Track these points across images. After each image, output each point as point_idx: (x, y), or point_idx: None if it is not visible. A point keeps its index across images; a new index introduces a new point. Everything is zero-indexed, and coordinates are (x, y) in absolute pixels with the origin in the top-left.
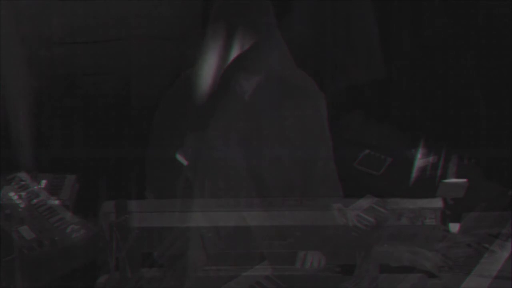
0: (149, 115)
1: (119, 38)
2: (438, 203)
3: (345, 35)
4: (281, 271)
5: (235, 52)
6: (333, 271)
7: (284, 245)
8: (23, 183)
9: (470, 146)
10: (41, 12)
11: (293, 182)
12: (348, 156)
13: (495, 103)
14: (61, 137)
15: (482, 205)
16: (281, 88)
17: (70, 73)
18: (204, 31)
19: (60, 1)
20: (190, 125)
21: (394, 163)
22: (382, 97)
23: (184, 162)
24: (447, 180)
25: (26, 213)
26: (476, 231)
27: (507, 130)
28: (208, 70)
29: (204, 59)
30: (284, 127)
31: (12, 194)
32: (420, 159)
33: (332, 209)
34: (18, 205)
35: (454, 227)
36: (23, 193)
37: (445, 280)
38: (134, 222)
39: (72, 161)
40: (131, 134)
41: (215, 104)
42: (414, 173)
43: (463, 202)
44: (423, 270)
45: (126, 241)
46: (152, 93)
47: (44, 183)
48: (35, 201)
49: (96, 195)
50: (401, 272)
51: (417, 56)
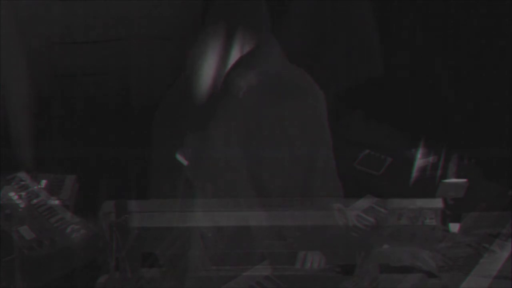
0: (149, 115)
1: (119, 38)
2: (438, 203)
3: (344, 35)
4: (281, 271)
5: (230, 53)
6: (333, 271)
7: (284, 245)
8: (23, 183)
9: (470, 146)
10: (41, 12)
11: (293, 182)
12: (348, 156)
13: (495, 103)
14: (61, 137)
15: (482, 205)
16: (280, 88)
17: (70, 73)
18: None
19: (60, 1)
20: (190, 125)
21: (394, 163)
22: (382, 97)
23: (184, 162)
24: (447, 180)
25: (26, 213)
26: (476, 231)
27: (507, 130)
28: (206, 70)
29: (202, 60)
30: (283, 127)
31: (12, 194)
32: (420, 159)
33: (332, 209)
34: (18, 205)
35: (454, 227)
36: (23, 193)
37: (445, 280)
38: (134, 222)
39: (72, 161)
40: (131, 134)
41: (214, 104)
42: (414, 173)
43: (463, 202)
44: (423, 270)
45: (126, 241)
46: (152, 93)
47: (44, 183)
48: (35, 201)
49: (96, 195)
50: (401, 272)
51: (417, 56)
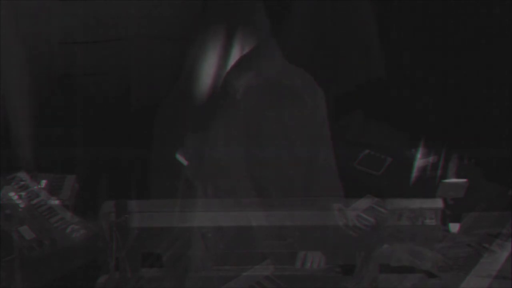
0: (149, 115)
1: (119, 38)
2: (438, 203)
3: (344, 35)
4: (281, 271)
5: (230, 53)
6: (333, 271)
7: (284, 245)
8: (23, 183)
9: (470, 146)
10: (41, 12)
11: (293, 182)
12: (348, 156)
13: (495, 103)
14: (61, 137)
15: (482, 205)
16: (279, 89)
17: (70, 73)
18: (203, 31)
19: (60, 1)
20: (190, 125)
21: (394, 163)
22: (382, 97)
23: (184, 162)
24: (447, 180)
25: (26, 213)
26: (476, 231)
27: (507, 130)
28: (206, 71)
29: (201, 60)
30: (283, 127)
31: (12, 194)
32: (420, 159)
33: (332, 209)
34: (18, 205)
35: (454, 227)
36: (23, 193)
37: (445, 280)
38: (134, 222)
39: (72, 161)
40: (131, 134)
41: (214, 104)
42: (414, 173)
43: (463, 202)
44: (423, 270)
45: (126, 241)
46: (152, 93)
47: (44, 183)
48: (35, 201)
49: (96, 195)
50: (401, 272)
51: (417, 56)
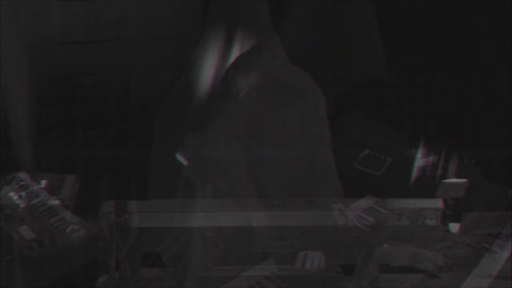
0: (149, 115)
1: (119, 38)
2: (438, 203)
3: (344, 35)
4: (281, 271)
5: (232, 52)
6: (333, 271)
7: (284, 245)
8: (23, 183)
9: (470, 146)
10: (41, 12)
11: (293, 182)
12: (348, 156)
13: (495, 103)
14: (61, 137)
15: (482, 205)
16: (281, 89)
17: (70, 73)
18: (203, 31)
19: (60, 1)
20: (191, 125)
21: (394, 163)
22: (382, 97)
23: (184, 162)
24: (447, 180)
25: (26, 213)
26: (476, 231)
27: (507, 130)
28: (208, 70)
29: (203, 59)
30: (284, 127)
31: (12, 194)
32: (420, 159)
33: (332, 209)
34: (18, 205)
35: (454, 227)
36: (23, 193)
37: (445, 280)
38: (134, 222)
39: (72, 161)
40: (131, 134)
41: (216, 104)
42: (414, 173)
43: (463, 202)
44: (423, 270)
45: (126, 241)
46: (152, 93)
47: (44, 183)
48: (35, 201)
49: (96, 195)
50: (401, 272)
51: (417, 56)
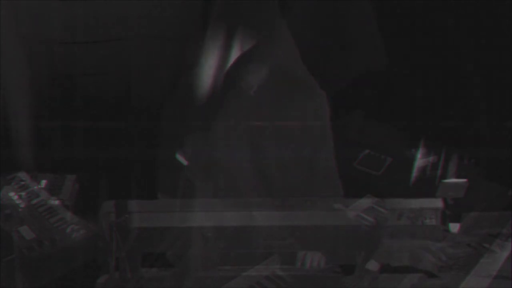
0: (149, 115)
1: (119, 38)
2: (438, 203)
3: (344, 34)
4: (281, 271)
5: (241, 48)
6: (333, 271)
7: (284, 245)
8: (23, 183)
9: (470, 146)
10: (41, 12)
11: (295, 181)
12: (348, 156)
13: (495, 103)
14: (61, 137)
15: (482, 205)
16: (290, 84)
17: (70, 73)
18: (204, 31)
19: (60, 1)
20: (196, 124)
21: (394, 163)
22: (382, 97)
23: (184, 162)
24: (447, 180)
25: (26, 213)
26: (476, 231)
27: (507, 130)
28: (215, 67)
29: (209, 57)
30: (290, 125)
31: (12, 194)
32: (420, 159)
33: (332, 209)
34: (18, 205)
35: (454, 227)
36: (23, 193)
37: (445, 280)
38: (134, 222)
39: (72, 161)
40: (131, 134)
41: (224, 101)
42: (414, 173)
43: (463, 202)
44: (423, 270)
45: (126, 241)
46: (152, 93)
47: (44, 183)
48: (35, 201)
49: (96, 195)
50: (401, 272)
51: (417, 55)
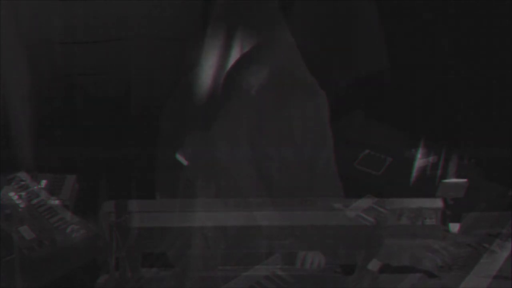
0: (149, 115)
1: (119, 38)
2: (438, 203)
3: (345, 34)
4: (281, 271)
5: (242, 49)
6: (333, 271)
7: (284, 245)
8: (23, 183)
9: (470, 146)
10: (41, 12)
11: (296, 181)
12: (348, 156)
13: (495, 103)
14: (61, 137)
15: (482, 205)
16: (291, 84)
17: (70, 73)
18: (204, 31)
19: (60, 1)
20: (197, 123)
21: (394, 163)
22: (382, 97)
23: (184, 162)
24: (447, 180)
25: (26, 213)
26: (476, 231)
27: (507, 130)
28: (215, 68)
29: (209, 57)
30: (291, 125)
31: (12, 194)
32: (420, 159)
33: (332, 209)
34: (18, 205)
35: (454, 227)
36: (23, 193)
37: (445, 280)
38: (134, 222)
39: (72, 161)
40: (131, 134)
41: (224, 102)
42: (414, 173)
43: (463, 202)
44: (423, 270)
45: (126, 241)
46: (152, 93)
47: (44, 183)
48: (35, 201)
49: (96, 195)
50: (401, 272)
51: (417, 55)
